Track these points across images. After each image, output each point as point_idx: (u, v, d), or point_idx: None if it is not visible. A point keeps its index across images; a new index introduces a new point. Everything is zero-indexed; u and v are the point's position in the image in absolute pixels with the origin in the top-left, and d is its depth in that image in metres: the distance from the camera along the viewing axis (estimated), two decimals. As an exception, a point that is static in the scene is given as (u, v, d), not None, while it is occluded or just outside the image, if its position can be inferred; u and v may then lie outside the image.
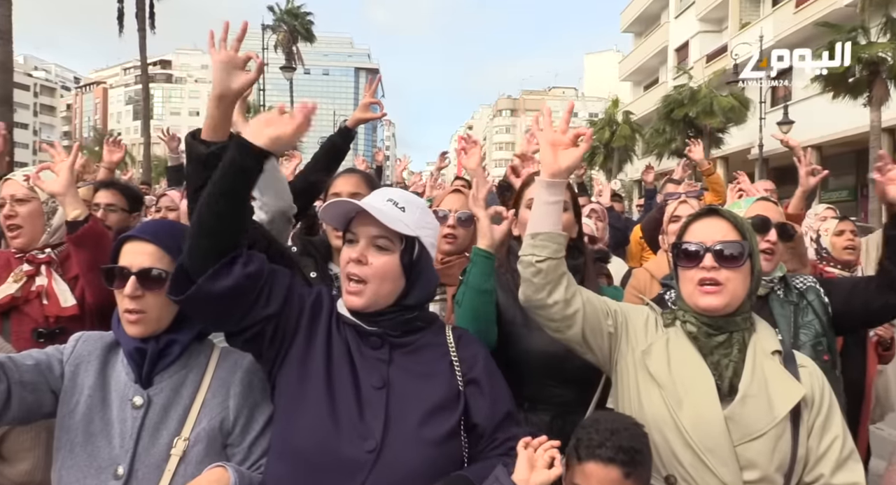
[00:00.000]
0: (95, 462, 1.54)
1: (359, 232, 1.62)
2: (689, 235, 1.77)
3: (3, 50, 17.08)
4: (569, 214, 2.13)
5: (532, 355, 2.03)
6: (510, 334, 2.05)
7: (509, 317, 2.09)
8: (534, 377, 2.00)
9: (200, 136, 1.73)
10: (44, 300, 2.32)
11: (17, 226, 2.34)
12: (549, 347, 1.96)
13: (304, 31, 47.72)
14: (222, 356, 1.71)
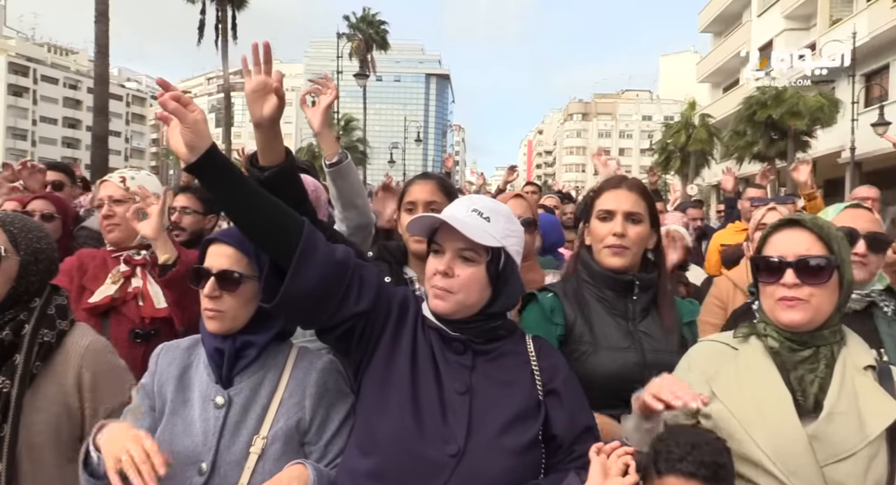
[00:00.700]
0: (180, 459, 1.60)
1: (445, 244, 1.62)
2: (769, 247, 1.65)
3: (101, 63, 18.27)
4: (644, 225, 2.05)
5: (597, 375, 1.93)
6: (574, 352, 1.97)
7: (576, 334, 2.00)
8: (598, 398, 1.93)
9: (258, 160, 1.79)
10: (139, 302, 2.43)
11: (115, 225, 2.48)
12: (616, 368, 1.91)
13: (379, 38, 48.63)
14: (299, 357, 1.75)
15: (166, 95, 1.47)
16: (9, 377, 1.69)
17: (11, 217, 1.85)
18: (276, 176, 1.76)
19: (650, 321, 2.02)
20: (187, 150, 1.48)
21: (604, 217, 2.05)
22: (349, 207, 2.25)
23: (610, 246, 2.01)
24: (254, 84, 1.71)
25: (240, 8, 32.46)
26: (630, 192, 2.05)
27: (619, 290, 2.02)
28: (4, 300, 1.76)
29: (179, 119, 1.47)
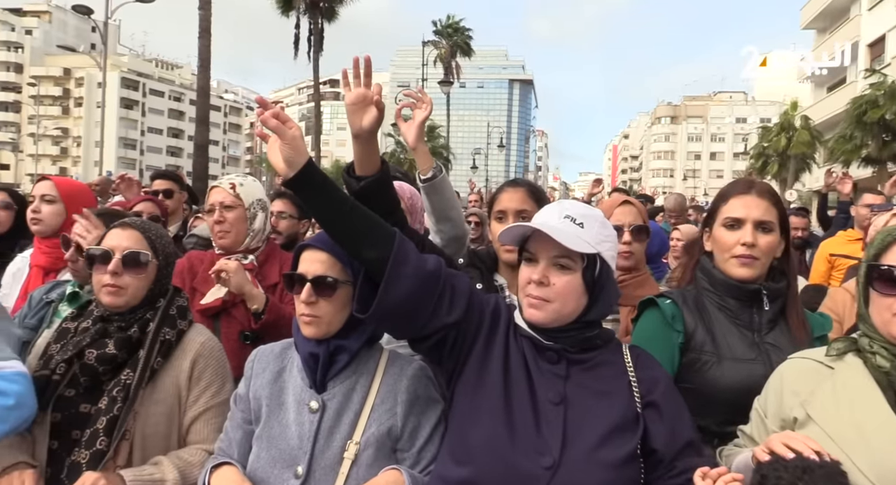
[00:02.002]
0: (278, 463, 1.65)
1: (538, 252, 1.59)
2: (889, 255, 1.51)
3: (203, 76, 19.37)
4: (775, 233, 1.92)
5: (720, 387, 1.83)
6: (695, 362, 1.87)
7: (696, 343, 1.89)
8: (718, 410, 1.82)
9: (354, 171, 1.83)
10: (248, 304, 2.50)
11: (226, 231, 2.58)
12: (741, 380, 1.80)
13: (464, 45, 49.02)
14: (389, 362, 1.76)
15: (267, 113, 1.52)
16: (133, 370, 1.80)
17: (148, 224, 1.98)
18: (371, 186, 1.80)
19: (778, 333, 1.91)
20: (286, 165, 1.53)
21: (731, 225, 1.92)
22: (444, 220, 2.26)
23: (738, 256, 1.89)
24: (354, 96, 1.75)
25: (331, 20, 33.55)
26: (760, 198, 1.92)
27: (743, 299, 1.91)
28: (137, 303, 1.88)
29: (279, 136, 1.52)
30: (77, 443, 1.75)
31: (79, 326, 1.91)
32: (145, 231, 1.92)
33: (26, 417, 1.68)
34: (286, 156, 1.52)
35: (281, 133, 1.51)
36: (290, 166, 1.52)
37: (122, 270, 1.85)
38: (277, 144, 1.53)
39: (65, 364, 1.83)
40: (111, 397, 1.77)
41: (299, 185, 1.54)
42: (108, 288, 1.84)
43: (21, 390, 1.66)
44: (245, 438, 1.73)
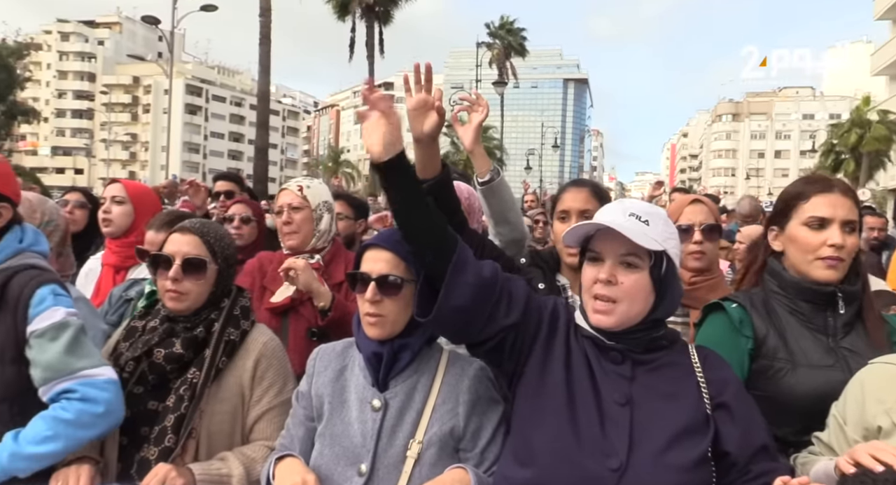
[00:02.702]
0: (341, 460, 1.67)
1: (603, 250, 1.56)
2: None
3: (263, 82, 19.96)
4: (856, 234, 1.83)
5: (797, 394, 1.75)
6: (767, 369, 1.79)
7: (768, 349, 1.82)
8: (795, 419, 1.73)
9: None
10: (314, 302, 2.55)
11: (293, 232, 2.63)
12: (818, 387, 1.71)
13: (518, 45, 48.84)
14: (450, 362, 1.76)
15: (378, 93, 1.58)
16: (199, 369, 1.84)
17: (207, 227, 2.00)
18: (433, 188, 1.81)
19: (855, 337, 1.81)
20: (383, 148, 1.55)
21: (816, 225, 1.83)
22: (502, 222, 2.25)
23: (825, 258, 1.80)
24: (415, 102, 1.78)
25: (385, 23, 33.98)
26: (845, 197, 1.84)
27: (818, 302, 1.82)
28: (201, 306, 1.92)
29: (387, 117, 1.56)
30: (146, 439, 1.80)
31: (146, 324, 1.97)
32: (204, 235, 1.94)
33: (114, 423, 1.74)
34: (388, 139, 1.55)
35: (390, 114, 1.56)
36: (388, 150, 1.54)
37: (183, 276, 1.87)
38: (381, 124, 1.56)
39: (133, 362, 1.89)
40: (178, 395, 1.82)
41: (392, 169, 1.56)
42: (171, 293, 1.88)
43: (110, 397, 1.71)
44: (307, 434, 1.75)
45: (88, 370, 1.72)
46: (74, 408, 1.67)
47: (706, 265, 2.39)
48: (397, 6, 34.18)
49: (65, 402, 1.69)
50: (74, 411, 1.67)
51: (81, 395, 1.68)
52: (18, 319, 1.72)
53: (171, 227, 2.02)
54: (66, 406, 1.68)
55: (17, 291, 1.74)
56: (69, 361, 1.71)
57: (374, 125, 1.57)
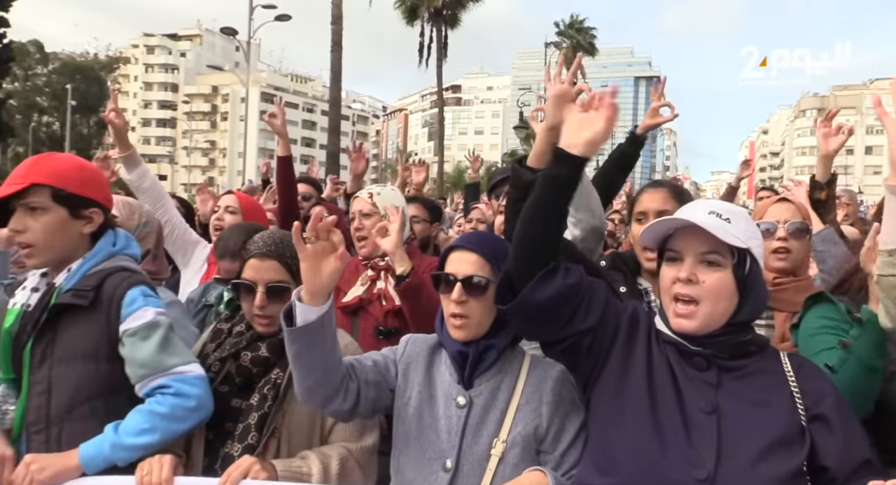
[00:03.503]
0: (427, 454, 1.70)
1: (683, 249, 1.52)
2: None
3: (335, 88, 20.46)
4: None
5: None
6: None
7: None
8: None
9: (527, 162, 1.86)
10: (383, 302, 2.65)
11: (364, 237, 2.71)
12: None
13: (588, 45, 48.10)
14: (533, 364, 1.77)
15: (608, 99, 1.52)
16: (283, 371, 1.91)
17: (283, 247, 1.96)
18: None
19: None
20: (586, 145, 1.50)
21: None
22: (583, 208, 2.20)
23: None
24: (558, 90, 1.84)
25: (453, 27, 34.20)
26: None
27: None
28: None
29: (609, 121, 1.50)
30: (230, 435, 1.88)
31: (232, 328, 2.05)
32: (282, 258, 1.94)
33: (203, 417, 1.83)
34: (596, 139, 1.49)
35: (612, 119, 1.51)
36: (588, 148, 1.50)
37: (267, 303, 1.91)
38: (602, 122, 1.50)
39: (219, 363, 1.97)
40: (262, 394, 1.89)
41: (566, 167, 1.50)
42: (258, 319, 1.94)
43: (201, 393, 1.81)
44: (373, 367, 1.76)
45: (180, 367, 1.81)
46: (169, 402, 1.76)
47: (792, 266, 2.29)
48: (465, 9, 34.35)
49: (159, 396, 1.78)
50: (169, 406, 1.76)
51: (175, 390, 1.77)
52: (111, 319, 1.82)
53: (243, 252, 2.04)
54: (160, 401, 1.77)
55: (110, 291, 1.84)
56: (162, 358, 1.80)
57: (590, 121, 1.51)
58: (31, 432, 1.80)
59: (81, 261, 1.89)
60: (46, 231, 1.82)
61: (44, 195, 1.81)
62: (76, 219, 1.87)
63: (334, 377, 1.64)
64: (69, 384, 1.80)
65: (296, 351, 1.59)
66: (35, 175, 1.82)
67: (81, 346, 1.82)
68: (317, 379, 1.62)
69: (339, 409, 1.69)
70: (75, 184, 1.86)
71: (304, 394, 1.67)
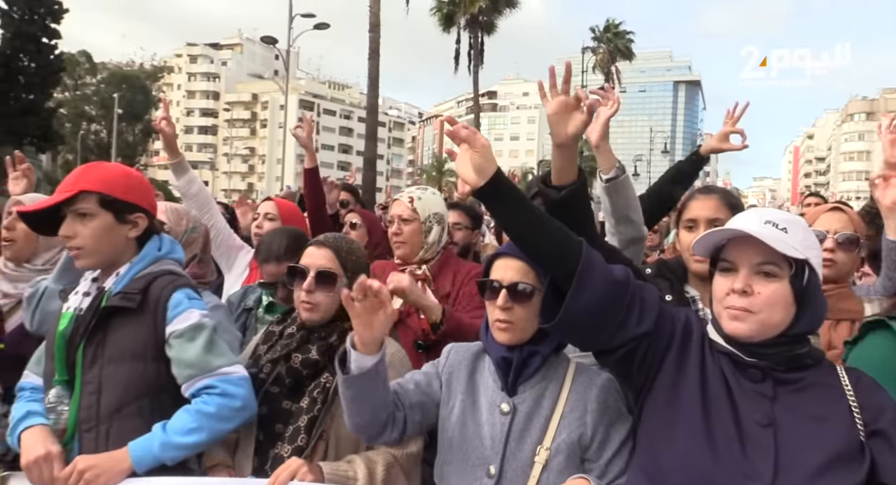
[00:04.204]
0: (470, 460, 1.71)
1: (738, 259, 1.48)
2: None
3: (372, 95, 20.67)
4: None
5: None
6: None
7: None
8: None
9: (551, 181, 1.82)
10: (420, 314, 2.58)
11: (402, 242, 2.70)
12: None
13: (625, 49, 47.65)
14: (578, 372, 1.76)
15: (457, 126, 1.59)
16: (332, 375, 1.93)
17: (340, 241, 2.10)
18: (572, 194, 1.78)
19: None
20: (476, 174, 1.57)
21: None
22: (624, 221, 2.18)
23: None
24: (555, 105, 1.73)
25: (490, 33, 34.25)
26: None
27: None
28: (332, 317, 2.02)
29: (470, 144, 1.58)
30: (280, 437, 1.91)
31: (283, 330, 2.09)
32: (337, 249, 2.03)
33: (248, 417, 1.88)
34: (477, 164, 1.56)
35: (472, 141, 1.57)
36: (481, 174, 1.56)
37: (315, 288, 1.97)
38: (468, 154, 1.58)
39: (270, 364, 2.02)
40: (312, 397, 1.93)
41: (489, 194, 1.57)
42: (304, 304, 1.99)
43: (246, 393, 1.86)
44: (416, 389, 1.80)
45: (225, 368, 1.86)
46: (215, 402, 1.81)
47: (835, 276, 2.27)
48: (501, 16, 34.37)
49: (206, 396, 1.82)
50: (216, 405, 1.80)
51: (221, 390, 1.82)
52: (158, 321, 1.87)
53: (289, 256, 2.12)
54: (207, 401, 1.81)
55: (156, 294, 1.89)
56: (208, 359, 1.85)
57: (462, 157, 1.59)
58: (83, 430, 1.85)
59: (129, 265, 1.95)
60: (94, 236, 1.88)
61: (91, 201, 1.88)
62: (122, 224, 1.93)
63: (383, 414, 1.70)
64: (118, 384, 1.85)
65: (350, 396, 1.66)
66: (83, 182, 1.88)
67: (130, 347, 1.87)
68: (368, 419, 1.69)
69: (388, 439, 1.76)
70: (121, 190, 1.92)
71: (354, 429, 1.74)
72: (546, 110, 1.75)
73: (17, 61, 36.27)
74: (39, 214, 1.93)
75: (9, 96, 35.80)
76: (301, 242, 2.24)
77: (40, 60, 36.97)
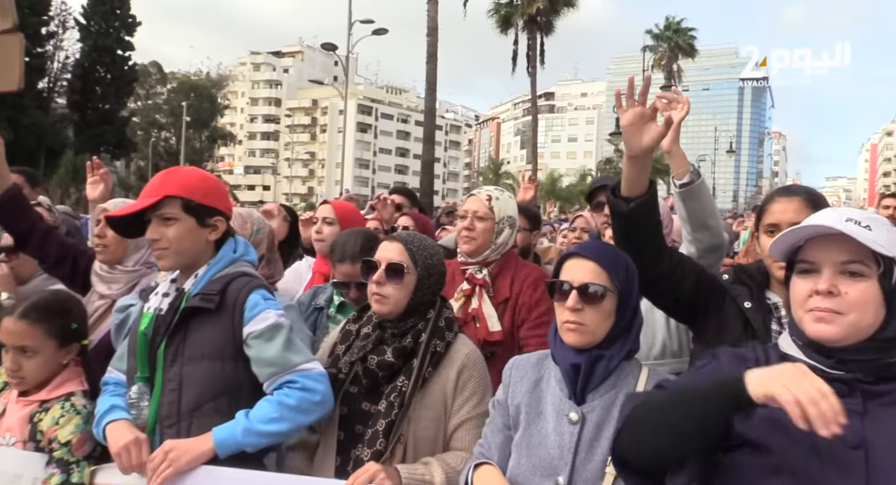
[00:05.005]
0: (538, 470, 1.67)
1: (820, 259, 1.38)
2: None
3: (430, 98, 20.82)
4: None
5: None
6: None
7: None
8: None
9: (620, 192, 1.81)
10: (476, 323, 2.59)
11: (472, 238, 2.69)
12: None
13: (686, 46, 46.41)
14: (650, 379, 1.71)
15: None
16: (407, 378, 1.96)
17: (411, 236, 2.13)
18: (644, 206, 1.77)
19: None
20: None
21: None
22: (701, 228, 2.11)
23: None
24: (630, 116, 1.73)
25: (548, 34, 33.97)
26: None
27: None
28: (403, 311, 2.04)
29: None
30: (360, 438, 1.95)
31: (360, 329, 2.13)
32: (408, 244, 2.06)
33: (326, 411, 1.93)
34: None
35: None
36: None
37: (385, 280, 2.00)
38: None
39: (349, 364, 2.05)
40: (389, 401, 1.95)
41: None
42: (375, 296, 2.03)
43: (324, 388, 1.91)
44: (504, 442, 1.77)
45: (304, 365, 1.91)
46: (296, 395, 1.86)
47: None
48: (559, 16, 34.03)
49: (287, 390, 1.88)
50: (297, 398, 1.86)
51: (301, 385, 1.87)
52: (235, 322, 1.93)
53: (363, 255, 2.15)
54: (288, 393, 1.87)
55: (233, 296, 1.94)
56: (288, 356, 1.90)
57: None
58: (164, 427, 1.92)
59: (206, 267, 2.01)
60: (178, 238, 1.95)
61: (175, 206, 1.94)
62: (203, 227, 1.99)
63: None
64: (198, 382, 1.91)
65: None
66: (168, 188, 1.95)
67: (208, 346, 1.93)
68: None
69: None
70: (201, 194, 1.98)
71: None
72: (621, 121, 1.73)
73: (95, 73, 38.36)
74: (126, 218, 2.00)
75: (87, 106, 37.84)
76: (375, 243, 2.27)
77: (115, 72, 38.98)
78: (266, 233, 2.87)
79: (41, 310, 2.06)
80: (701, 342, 2.10)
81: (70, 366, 2.14)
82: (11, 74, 4.60)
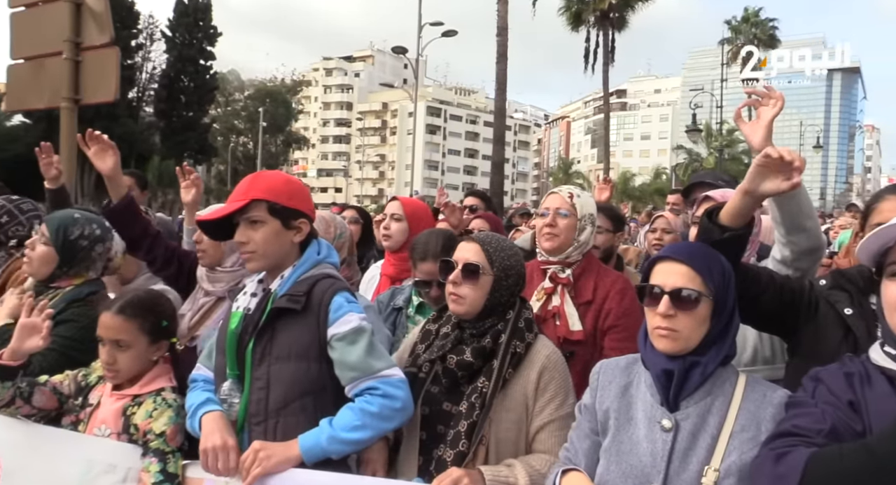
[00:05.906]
0: (630, 477, 1.62)
1: None
2: None
3: (500, 98, 20.77)
4: None
5: None
6: None
7: None
8: None
9: (718, 218, 1.77)
10: (556, 321, 2.56)
11: (556, 235, 2.65)
12: None
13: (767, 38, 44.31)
14: (748, 386, 1.63)
15: None
16: (488, 379, 1.95)
17: (488, 237, 2.13)
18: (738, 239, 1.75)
19: None
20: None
21: None
22: (797, 230, 2.00)
23: None
24: (764, 159, 1.68)
25: (621, 30, 33.23)
26: None
27: None
28: (481, 311, 2.03)
29: None
30: (441, 438, 1.95)
31: (439, 329, 2.14)
32: (485, 244, 2.07)
33: (407, 417, 1.94)
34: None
35: None
36: None
37: (461, 280, 2.01)
38: None
39: (429, 363, 2.06)
40: (469, 403, 1.94)
41: None
42: (451, 296, 2.03)
43: (405, 395, 1.92)
44: (592, 448, 1.73)
45: (386, 371, 1.92)
46: (378, 402, 1.87)
47: None
48: (633, 10, 33.22)
49: (368, 396, 1.89)
50: (378, 405, 1.87)
51: (383, 392, 1.88)
52: (321, 323, 1.96)
53: (444, 254, 2.18)
54: (370, 400, 1.88)
55: (318, 297, 1.97)
56: (370, 362, 1.92)
57: None
58: (252, 424, 1.98)
59: (292, 268, 2.05)
60: (265, 241, 2.00)
61: (261, 209, 2.00)
62: (288, 229, 2.04)
63: None
64: (285, 381, 1.96)
65: None
66: (254, 192, 2.01)
67: (295, 346, 1.97)
68: None
69: None
70: (286, 197, 2.03)
71: None
72: (754, 160, 1.67)
73: (179, 82, 40.40)
74: (216, 222, 2.07)
75: (172, 114, 39.90)
76: (455, 242, 2.28)
77: (198, 80, 40.93)
78: (347, 237, 2.95)
79: (136, 306, 2.16)
80: (797, 355, 1.98)
81: (160, 363, 2.23)
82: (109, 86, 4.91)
